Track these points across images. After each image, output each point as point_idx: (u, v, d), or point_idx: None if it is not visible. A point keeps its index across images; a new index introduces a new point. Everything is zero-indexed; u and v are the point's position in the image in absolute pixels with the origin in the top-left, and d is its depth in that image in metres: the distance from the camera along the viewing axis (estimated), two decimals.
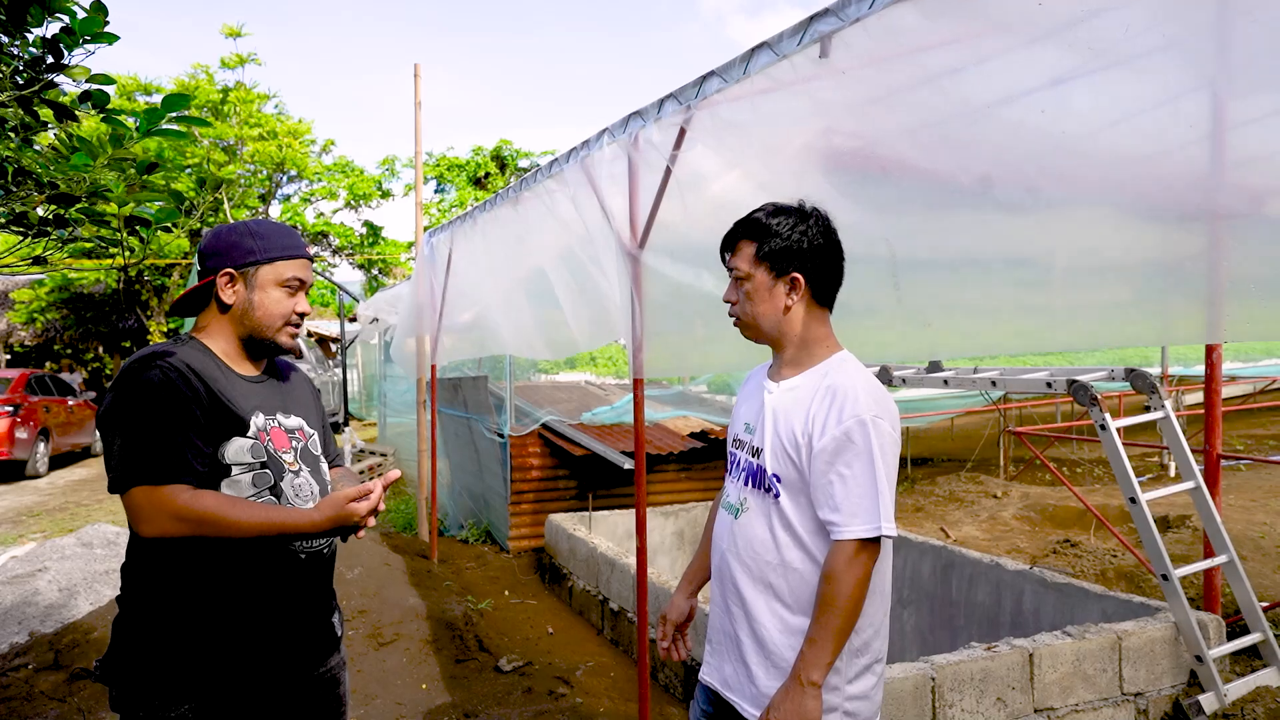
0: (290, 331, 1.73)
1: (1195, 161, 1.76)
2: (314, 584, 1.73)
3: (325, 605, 1.79)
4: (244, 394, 1.66)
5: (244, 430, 1.61)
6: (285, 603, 1.66)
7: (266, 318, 1.68)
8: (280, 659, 1.66)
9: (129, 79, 15.19)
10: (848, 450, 1.58)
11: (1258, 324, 1.81)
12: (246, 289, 1.68)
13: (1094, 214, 1.94)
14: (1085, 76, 1.80)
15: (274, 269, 1.68)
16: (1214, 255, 1.74)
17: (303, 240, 1.77)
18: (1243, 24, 1.58)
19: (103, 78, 1.16)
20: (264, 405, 1.70)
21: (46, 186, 1.25)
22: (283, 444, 1.70)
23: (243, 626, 1.60)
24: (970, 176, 2.01)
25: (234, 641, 1.59)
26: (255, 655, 1.62)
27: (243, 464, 1.60)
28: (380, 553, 5.61)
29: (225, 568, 1.58)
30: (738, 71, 2.42)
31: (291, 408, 1.78)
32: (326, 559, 1.77)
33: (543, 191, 3.95)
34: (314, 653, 1.74)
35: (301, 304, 1.73)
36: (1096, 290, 2.03)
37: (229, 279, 1.67)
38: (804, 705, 1.55)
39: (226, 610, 1.59)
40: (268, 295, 1.67)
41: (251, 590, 1.61)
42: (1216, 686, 3.40)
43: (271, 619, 1.64)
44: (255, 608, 1.62)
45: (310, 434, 1.80)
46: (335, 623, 1.84)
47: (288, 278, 1.69)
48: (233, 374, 1.67)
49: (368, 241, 21.87)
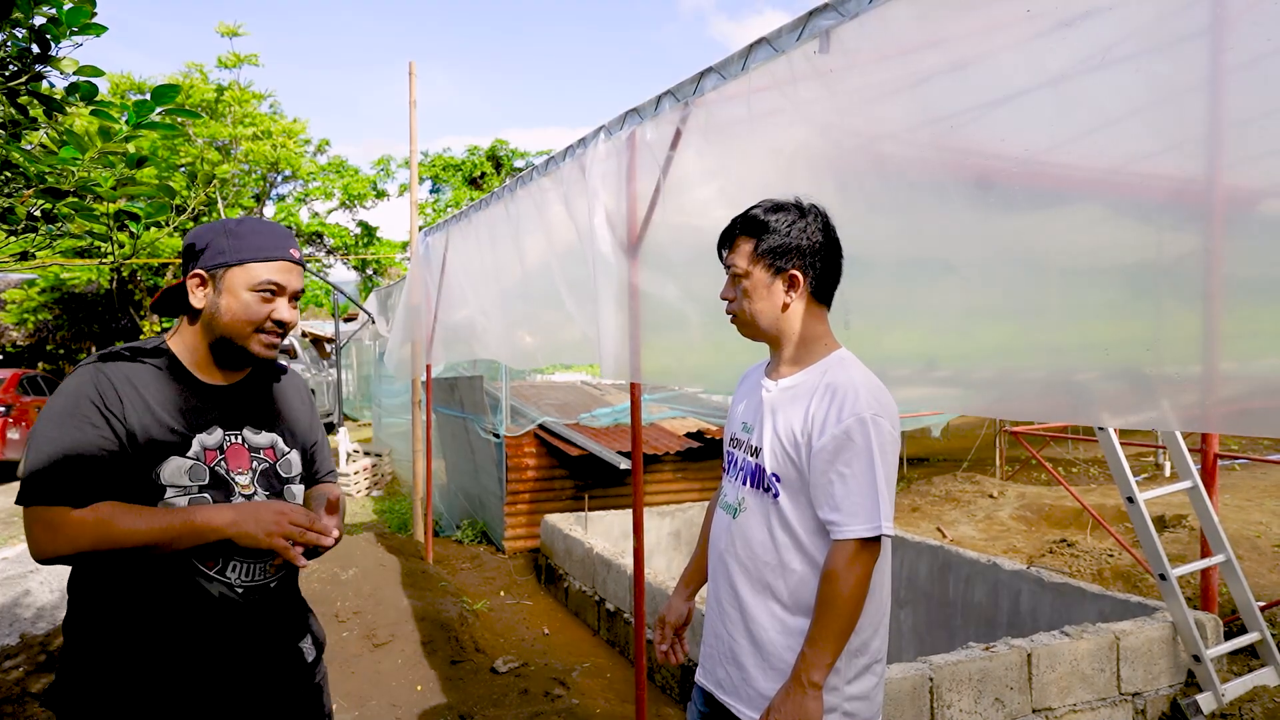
0: (265, 340, 1.57)
1: (1191, 162, 1.75)
2: (258, 621, 1.56)
3: (282, 637, 1.64)
4: (200, 407, 1.53)
5: (184, 450, 1.48)
6: (215, 643, 1.50)
7: (234, 324, 1.53)
8: (212, 700, 1.51)
9: (122, 77, 15.13)
10: (848, 449, 1.56)
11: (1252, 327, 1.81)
12: (214, 292, 1.54)
13: (1091, 214, 1.94)
14: (1083, 76, 1.79)
15: (245, 271, 1.53)
16: (1209, 256, 1.74)
17: (290, 241, 1.61)
18: (1240, 24, 1.57)
19: (91, 69, 1.14)
20: (227, 419, 1.56)
21: (35, 180, 1.23)
22: (240, 464, 1.55)
23: (165, 668, 1.46)
24: (968, 176, 2.00)
25: (157, 682, 1.46)
26: (180, 698, 1.47)
27: (178, 486, 1.46)
28: (375, 554, 5.59)
29: (146, 602, 1.45)
30: (736, 68, 2.41)
31: (267, 423, 1.63)
32: (276, 592, 1.60)
33: (537, 191, 3.93)
34: (264, 689, 1.58)
35: (281, 310, 1.57)
36: (1092, 291, 2.02)
37: (199, 281, 1.54)
38: (805, 706, 1.53)
39: (156, 650, 1.46)
40: (237, 300, 1.52)
41: (175, 629, 1.47)
42: (1214, 686, 3.39)
43: (197, 661, 1.49)
44: (177, 649, 1.47)
45: (284, 454, 1.64)
46: (305, 647, 1.70)
47: (261, 281, 1.54)
48: (196, 383, 1.55)
49: (362, 242, 21.82)
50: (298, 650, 1.68)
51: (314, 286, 22.89)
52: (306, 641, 1.71)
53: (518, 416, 7.04)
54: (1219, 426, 1.75)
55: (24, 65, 1.12)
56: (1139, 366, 1.76)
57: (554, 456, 6.83)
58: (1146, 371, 1.74)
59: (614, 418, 7.56)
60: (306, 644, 1.71)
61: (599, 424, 7.38)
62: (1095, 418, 1.92)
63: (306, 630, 1.72)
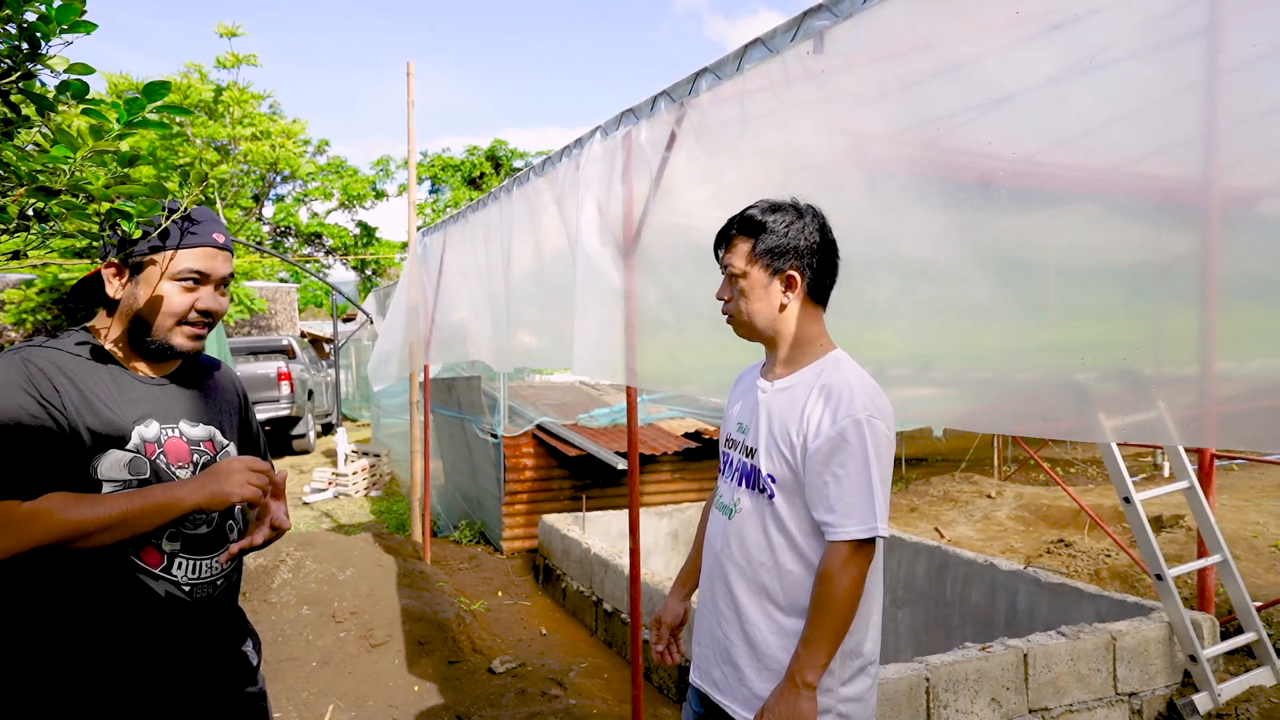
0: (188, 332, 1.48)
1: (1188, 162, 1.75)
2: (206, 621, 1.49)
3: (228, 639, 1.57)
4: (133, 400, 1.44)
5: (123, 443, 1.39)
6: (163, 646, 1.43)
7: (152, 316, 1.43)
8: (159, 706, 1.43)
9: (120, 77, 15.11)
10: (842, 450, 1.56)
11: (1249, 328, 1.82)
12: (132, 283, 1.44)
13: (1088, 214, 1.94)
14: (1082, 76, 1.79)
15: (164, 259, 1.42)
16: (1206, 257, 1.74)
17: (216, 225, 1.51)
18: (1236, 26, 1.57)
19: (82, 67, 1.14)
20: (161, 412, 1.47)
21: (27, 179, 1.22)
22: (180, 457, 1.46)
23: (109, 674, 1.38)
24: (962, 177, 2.00)
25: (99, 691, 1.37)
26: (125, 705, 1.39)
27: (117, 480, 1.37)
28: (373, 554, 5.58)
29: (87, 606, 1.36)
30: (731, 68, 2.41)
31: (202, 415, 1.54)
32: (223, 591, 1.54)
33: (532, 192, 3.93)
34: (211, 693, 1.52)
35: (205, 299, 1.47)
36: (1088, 292, 2.02)
37: (114, 270, 1.44)
38: (799, 706, 1.53)
39: (91, 656, 1.36)
40: (155, 290, 1.42)
41: (121, 632, 1.38)
42: (1210, 686, 3.39)
43: (145, 664, 1.41)
44: (123, 654, 1.39)
45: (222, 446, 1.56)
46: (249, 651, 1.63)
47: (181, 269, 1.43)
48: (125, 376, 1.45)
49: (361, 242, 21.82)
50: (242, 654, 1.61)
51: (313, 286, 22.88)
52: (248, 645, 1.64)
53: (515, 417, 7.04)
54: (1215, 438, 1.75)
55: (14, 63, 1.12)
56: (1136, 367, 1.75)
57: (552, 457, 6.82)
58: (1144, 372, 1.74)
59: (612, 418, 7.56)
60: (249, 647, 1.64)
61: (597, 424, 7.38)
62: (1093, 420, 1.92)
63: (247, 633, 1.65)
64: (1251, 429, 1.65)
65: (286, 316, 18.10)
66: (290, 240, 21.71)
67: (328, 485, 9.80)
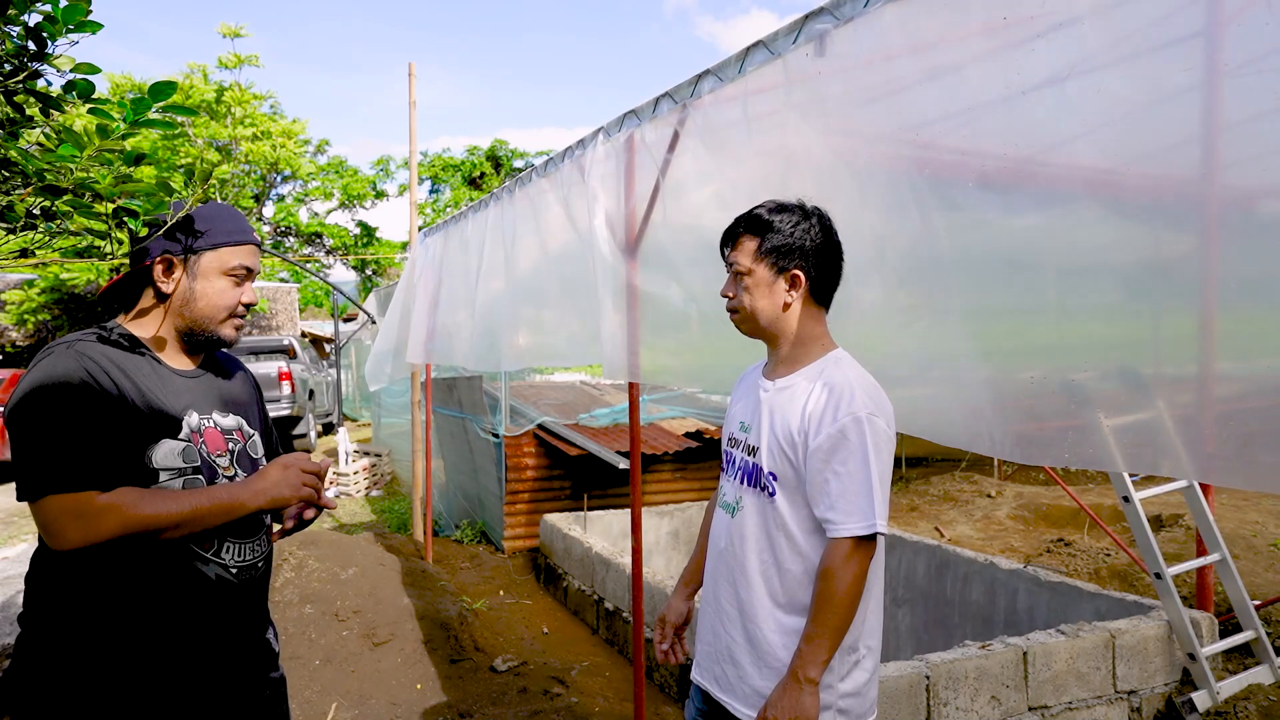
0: (235, 324, 1.58)
1: (1187, 162, 1.76)
2: (247, 603, 1.57)
3: (260, 623, 1.65)
4: (176, 391, 1.51)
5: (175, 431, 1.46)
6: (213, 626, 1.50)
7: (210, 309, 1.53)
8: (206, 685, 1.50)
9: (123, 78, 15.11)
10: (843, 448, 1.57)
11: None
12: (189, 277, 1.52)
13: (1087, 214, 1.95)
14: (1081, 76, 1.80)
15: (219, 256, 1.52)
16: (1205, 257, 1.75)
17: (249, 224, 1.62)
18: (1235, 26, 1.58)
19: (87, 67, 1.14)
20: (199, 403, 1.54)
21: (33, 178, 1.23)
22: (218, 446, 1.54)
23: (161, 654, 1.44)
24: (965, 176, 2.01)
25: (151, 670, 1.43)
26: (174, 684, 1.45)
27: (172, 469, 1.44)
28: (375, 553, 5.59)
29: (142, 587, 1.42)
30: (733, 70, 2.41)
31: (230, 406, 1.63)
32: (261, 574, 1.61)
33: (535, 193, 3.93)
34: (249, 674, 1.60)
35: (248, 294, 1.58)
36: (1087, 292, 2.03)
37: (167, 266, 1.50)
38: (801, 702, 1.54)
39: (144, 636, 1.42)
40: (211, 284, 1.52)
41: (174, 613, 1.44)
42: (1209, 684, 3.40)
43: (196, 644, 1.47)
44: (176, 634, 1.45)
45: (250, 435, 1.65)
46: (270, 638, 1.70)
47: (233, 265, 1.54)
48: (165, 369, 1.52)
49: (362, 242, 21.82)
50: (266, 641, 1.68)
51: (314, 286, 22.88)
52: (270, 632, 1.71)
53: (517, 416, 7.05)
54: (1214, 438, 1.76)
55: (20, 63, 1.13)
56: (1135, 367, 1.76)
57: (553, 456, 6.83)
58: (1144, 371, 1.75)
59: (613, 418, 7.57)
60: (270, 635, 1.71)
61: (598, 424, 7.38)
62: (1092, 420, 1.92)
63: (268, 621, 1.72)
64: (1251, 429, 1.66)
65: (287, 316, 18.11)
66: (291, 240, 21.73)
67: (329, 485, 9.80)
